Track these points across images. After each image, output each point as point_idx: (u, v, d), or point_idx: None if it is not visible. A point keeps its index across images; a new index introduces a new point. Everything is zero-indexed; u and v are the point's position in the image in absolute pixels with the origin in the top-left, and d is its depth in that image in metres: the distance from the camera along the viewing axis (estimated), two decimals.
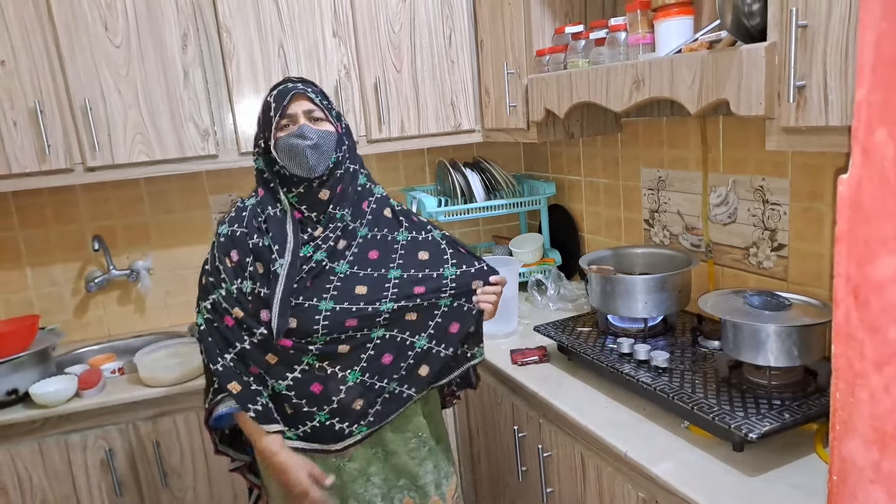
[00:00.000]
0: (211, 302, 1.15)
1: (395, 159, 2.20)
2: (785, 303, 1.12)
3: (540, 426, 1.40)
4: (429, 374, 1.17)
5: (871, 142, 0.51)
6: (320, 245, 1.14)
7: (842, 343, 0.57)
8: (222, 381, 1.11)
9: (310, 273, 1.12)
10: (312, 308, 1.11)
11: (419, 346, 1.16)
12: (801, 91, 0.93)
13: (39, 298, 1.92)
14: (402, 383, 1.16)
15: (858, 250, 0.53)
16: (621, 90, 1.27)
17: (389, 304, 1.13)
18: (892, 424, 0.53)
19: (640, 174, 1.74)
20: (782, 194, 1.34)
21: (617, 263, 1.54)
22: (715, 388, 1.14)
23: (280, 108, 1.10)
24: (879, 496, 0.54)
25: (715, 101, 1.08)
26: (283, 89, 1.13)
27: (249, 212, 1.16)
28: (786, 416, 1.02)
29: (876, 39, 0.50)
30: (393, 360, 1.14)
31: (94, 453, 1.58)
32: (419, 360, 1.16)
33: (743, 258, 1.45)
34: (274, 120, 1.11)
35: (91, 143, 1.62)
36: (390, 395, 1.15)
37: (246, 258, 1.12)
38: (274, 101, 1.12)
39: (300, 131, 1.10)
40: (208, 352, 1.13)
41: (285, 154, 1.11)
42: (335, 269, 1.14)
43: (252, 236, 1.13)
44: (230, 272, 1.13)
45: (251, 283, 1.11)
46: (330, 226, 1.16)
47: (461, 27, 1.89)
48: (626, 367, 1.26)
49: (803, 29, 0.91)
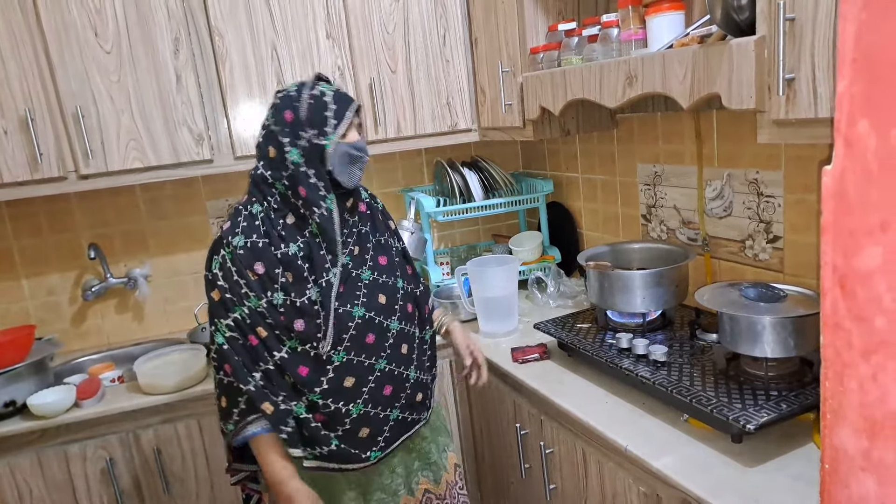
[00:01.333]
0: (233, 319, 1.08)
1: (393, 160, 2.20)
2: (780, 294, 1.12)
3: (542, 423, 1.41)
4: (423, 399, 1.23)
5: (853, 133, 0.51)
6: (342, 251, 1.16)
7: (830, 333, 0.57)
8: (256, 401, 1.08)
9: (339, 278, 1.14)
10: (347, 314, 1.12)
11: (412, 377, 1.21)
12: (791, 84, 0.93)
13: (36, 308, 1.92)
14: (405, 410, 1.19)
15: (844, 241, 0.54)
16: (614, 86, 1.27)
17: (396, 324, 1.18)
18: (880, 413, 0.53)
19: (637, 170, 1.74)
20: (776, 187, 1.34)
21: (615, 259, 1.54)
22: (713, 380, 1.15)
23: (342, 115, 1.10)
24: (870, 484, 0.55)
25: (707, 96, 1.08)
26: (340, 94, 1.11)
27: (263, 220, 1.10)
28: (783, 407, 1.03)
29: (856, 31, 0.50)
30: (392, 391, 1.17)
31: (94, 463, 1.57)
32: (414, 389, 1.21)
33: (739, 251, 1.46)
34: (336, 122, 1.09)
35: (84, 150, 1.62)
36: (395, 422, 1.18)
37: (275, 269, 1.08)
38: (335, 102, 1.09)
39: (360, 144, 1.13)
40: (236, 371, 1.08)
41: (342, 161, 1.10)
42: (361, 276, 1.16)
43: (278, 246, 1.08)
44: (256, 286, 1.07)
45: (282, 295, 1.08)
46: (345, 232, 1.16)
47: (455, 26, 1.89)
48: (626, 361, 1.26)
49: (791, 22, 0.92)
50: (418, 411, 1.23)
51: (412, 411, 1.21)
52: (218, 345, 1.10)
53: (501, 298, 1.69)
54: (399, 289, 1.21)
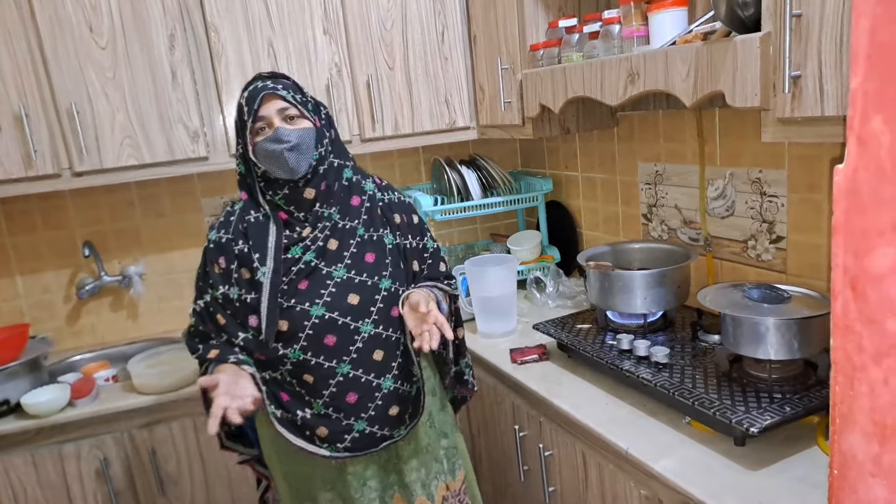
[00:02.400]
0: (199, 307, 1.16)
1: (390, 158, 2.18)
2: (784, 295, 1.11)
3: (541, 425, 1.39)
4: (400, 414, 1.16)
5: (866, 131, 0.50)
6: (309, 246, 1.12)
7: (840, 336, 0.55)
8: (202, 356, 1.12)
9: (300, 274, 1.11)
10: (303, 312, 1.10)
11: (385, 387, 1.14)
12: (797, 81, 0.92)
13: (30, 307, 1.90)
14: (374, 423, 1.14)
15: (856, 241, 0.52)
16: (616, 84, 1.25)
17: (369, 328, 1.12)
18: (892, 417, 0.52)
19: (638, 169, 1.72)
20: (780, 186, 1.32)
21: (615, 259, 1.52)
22: (715, 382, 1.13)
23: (252, 112, 1.07)
24: (880, 490, 0.53)
25: (710, 94, 1.06)
26: (252, 90, 1.09)
27: (237, 217, 1.15)
28: (787, 410, 1.01)
29: (871, 26, 0.49)
30: (358, 399, 1.12)
31: (88, 463, 1.56)
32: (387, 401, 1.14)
33: (742, 251, 1.44)
34: (248, 124, 1.08)
35: (78, 147, 1.60)
36: (359, 434, 1.13)
37: (231, 264, 1.12)
38: (245, 103, 1.09)
39: (276, 135, 1.07)
40: (189, 346, 1.17)
41: (266, 159, 1.09)
42: (332, 274, 1.12)
43: (238, 242, 1.13)
44: (217, 278, 1.13)
45: (237, 290, 1.11)
46: (318, 225, 1.13)
47: (454, 23, 1.87)
48: (626, 363, 1.24)
49: (797, 18, 0.90)
50: (391, 427, 1.15)
51: (383, 426, 1.14)
52: (188, 329, 1.19)
53: (500, 298, 1.68)
54: (381, 290, 1.13)
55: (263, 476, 1.30)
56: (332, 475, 1.16)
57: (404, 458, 1.20)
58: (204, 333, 1.16)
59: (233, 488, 1.69)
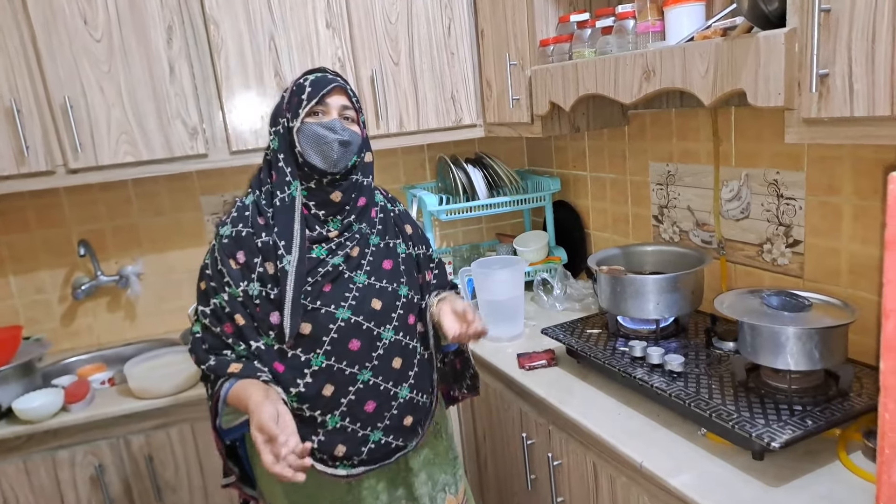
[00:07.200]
0: (212, 308, 1.06)
1: (395, 156, 2.13)
2: (805, 303, 1.06)
3: (549, 433, 1.35)
4: (413, 425, 1.13)
5: None
6: (335, 250, 1.09)
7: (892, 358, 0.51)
8: (219, 370, 1.04)
9: (326, 276, 1.07)
10: (329, 315, 1.06)
11: (402, 396, 1.11)
12: (824, 80, 0.87)
13: (25, 307, 1.86)
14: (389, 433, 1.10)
15: None
16: (630, 81, 1.21)
17: (390, 334, 1.10)
18: None
19: (649, 168, 1.68)
20: (798, 188, 1.28)
21: (626, 262, 1.48)
22: (732, 393, 1.09)
23: (317, 95, 1.05)
24: None
25: (730, 92, 1.02)
26: (322, 78, 1.07)
27: (252, 210, 1.08)
28: (808, 423, 0.97)
29: None
30: (375, 408, 1.09)
31: (83, 469, 1.52)
32: (402, 410, 1.11)
33: (757, 255, 1.40)
34: (305, 103, 1.05)
35: (73, 143, 1.55)
36: (375, 445, 1.09)
37: (254, 258, 1.05)
38: (311, 86, 1.05)
39: (331, 124, 1.05)
40: (199, 356, 1.06)
41: (310, 141, 1.05)
42: (354, 279, 1.09)
43: (260, 235, 1.06)
44: (236, 274, 1.05)
45: (259, 286, 1.05)
46: (346, 234, 1.10)
47: (461, 17, 1.82)
48: (639, 371, 1.20)
49: (826, 13, 0.85)
50: (405, 437, 1.12)
51: (397, 436, 1.11)
52: (193, 334, 1.09)
53: (507, 302, 1.63)
54: (401, 296, 1.13)
55: (251, 497, 1.24)
56: (342, 492, 1.12)
57: (414, 471, 1.17)
58: (216, 338, 1.06)
59: (232, 497, 1.65)
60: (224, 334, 1.06)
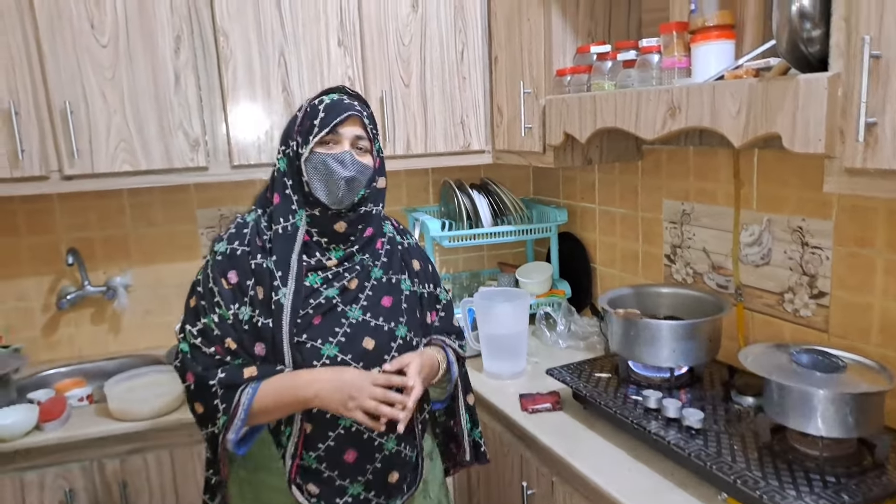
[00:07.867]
0: (200, 328, 0.99)
1: (398, 177, 2.07)
2: (839, 364, 0.99)
3: (553, 485, 1.26)
4: (399, 481, 1.05)
5: None
6: (331, 281, 1.02)
7: None
8: (235, 377, 0.96)
9: (317, 309, 1.00)
10: (314, 350, 0.98)
11: (388, 448, 1.02)
12: (871, 129, 0.82)
13: (5, 314, 1.77)
14: (370, 488, 1.02)
15: None
16: (654, 117, 1.16)
17: None
18: None
19: (662, 206, 1.62)
20: (824, 237, 1.22)
21: (639, 303, 1.41)
22: (757, 455, 1.01)
23: (329, 125, 0.98)
24: None
25: (764, 135, 0.97)
26: (338, 102, 1.01)
27: (252, 228, 1.02)
28: (845, 498, 0.89)
29: None
30: (357, 458, 1.00)
31: (52, 493, 1.42)
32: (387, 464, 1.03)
33: (777, 304, 1.33)
34: (317, 131, 0.99)
35: (70, 149, 1.49)
36: (353, 500, 1.01)
37: (246, 280, 0.99)
38: (325, 111, 1.00)
39: (341, 157, 0.99)
40: (198, 377, 0.97)
41: (317, 173, 0.99)
42: (347, 313, 1.02)
43: (255, 256, 0.99)
44: (227, 295, 0.99)
45: (250, 310, 0.98)
46: (346, 264, 1.04)
47: (475, 42, 1.78)
48: (654, 424, 1.12)
49: (876, 59, 0.80)
50: (388, 495, 1.03)
51: (380, 492, 1.02)
52: (182, 353, 1.01)
53: (509, 337, 1.56)
54: (398, 337, 1.04)
55: None
56: None
57: None
58: (209, 358, 0.98)
59: None
60: (216, 355, 0.99)
